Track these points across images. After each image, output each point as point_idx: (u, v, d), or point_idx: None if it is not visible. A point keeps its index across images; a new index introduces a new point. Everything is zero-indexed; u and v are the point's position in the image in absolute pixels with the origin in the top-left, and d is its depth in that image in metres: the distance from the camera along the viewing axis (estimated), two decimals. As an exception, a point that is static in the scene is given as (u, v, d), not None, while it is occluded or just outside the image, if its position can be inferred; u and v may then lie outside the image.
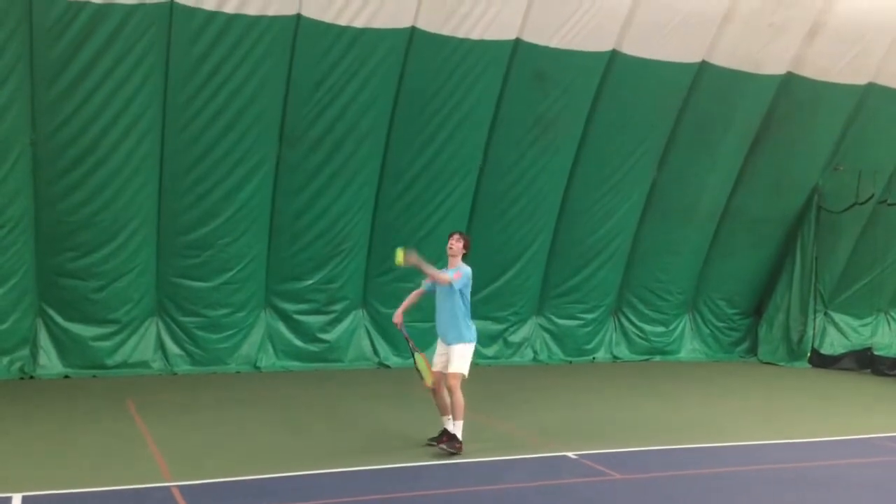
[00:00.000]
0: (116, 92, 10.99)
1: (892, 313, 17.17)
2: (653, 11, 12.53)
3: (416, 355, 8.16)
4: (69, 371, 11.80)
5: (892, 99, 14.53)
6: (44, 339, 11.80)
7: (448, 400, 7.99)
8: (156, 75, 11.16)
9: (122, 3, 10.58)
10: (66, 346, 11.87)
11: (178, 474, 7.12)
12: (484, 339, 14.14)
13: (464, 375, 7.97)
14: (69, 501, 6.45)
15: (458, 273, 8.04)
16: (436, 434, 8.17)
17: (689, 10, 12.61)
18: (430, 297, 8.35)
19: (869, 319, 16.79)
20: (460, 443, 7.90)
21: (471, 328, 8.11)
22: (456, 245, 8.21)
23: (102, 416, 9.45)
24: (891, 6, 13.43)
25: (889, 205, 15.40)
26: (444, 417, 8.11)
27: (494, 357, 14.20)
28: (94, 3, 10.51)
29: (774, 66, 13.66)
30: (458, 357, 7.96)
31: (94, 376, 11.79)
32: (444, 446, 7.92)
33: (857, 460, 8.43)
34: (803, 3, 13.00)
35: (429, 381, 8.03)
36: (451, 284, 7.96)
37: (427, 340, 13.60)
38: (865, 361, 15.12)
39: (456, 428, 7.94)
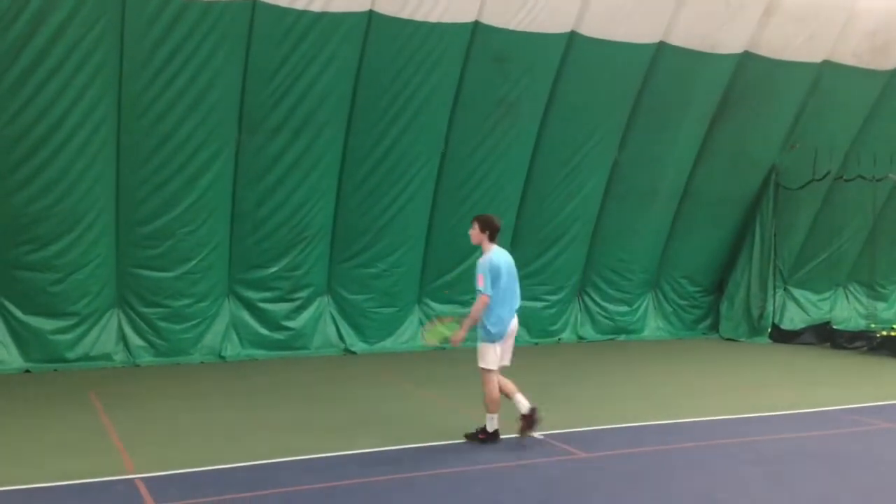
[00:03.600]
0: (69, 82, 10.76)
1: (850, 287, 17.49)
2: (610, -8, 12.58)
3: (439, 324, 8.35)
4: (30, 365, 11.62)
5: (847, 76, 14.73)
6: (3, 334, 11.57)
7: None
8: (110, 64, 10.95)
9: (73, -9, 10.39)
10: (25, 340, 11.66)
11: (141, 466, 7.07)
12: (450, 323, 14.22)
13: (486, 370, 7.82)
14: (32, 496, 6.38)
15: (479, 276, 7.69)
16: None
17: (646, -10, 12.69)
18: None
19: (827, 294, 17.08)
20: (485, 434, 7.90)
21: (485, 326, 7.75)
22: (471, 233, 7.87)
23: (64, 410, 9.34)
24: (844, -15, 13.63)
25: (845, 181, 15.64)
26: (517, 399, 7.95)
27: (461, 340, 14.21)
28: (45, -9, 10.31)
29: (731, 45, 13.77)
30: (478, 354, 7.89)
31: (56, 370, 11.63)
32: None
33: (816, 433, 8.60)
34: (758, -18, 13.14)
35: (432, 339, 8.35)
36: (481, 294, 7.66)
37: (390, 328, 13.75)
38: (825, 335, 15.39)
39: (488, 421, 7.91)
